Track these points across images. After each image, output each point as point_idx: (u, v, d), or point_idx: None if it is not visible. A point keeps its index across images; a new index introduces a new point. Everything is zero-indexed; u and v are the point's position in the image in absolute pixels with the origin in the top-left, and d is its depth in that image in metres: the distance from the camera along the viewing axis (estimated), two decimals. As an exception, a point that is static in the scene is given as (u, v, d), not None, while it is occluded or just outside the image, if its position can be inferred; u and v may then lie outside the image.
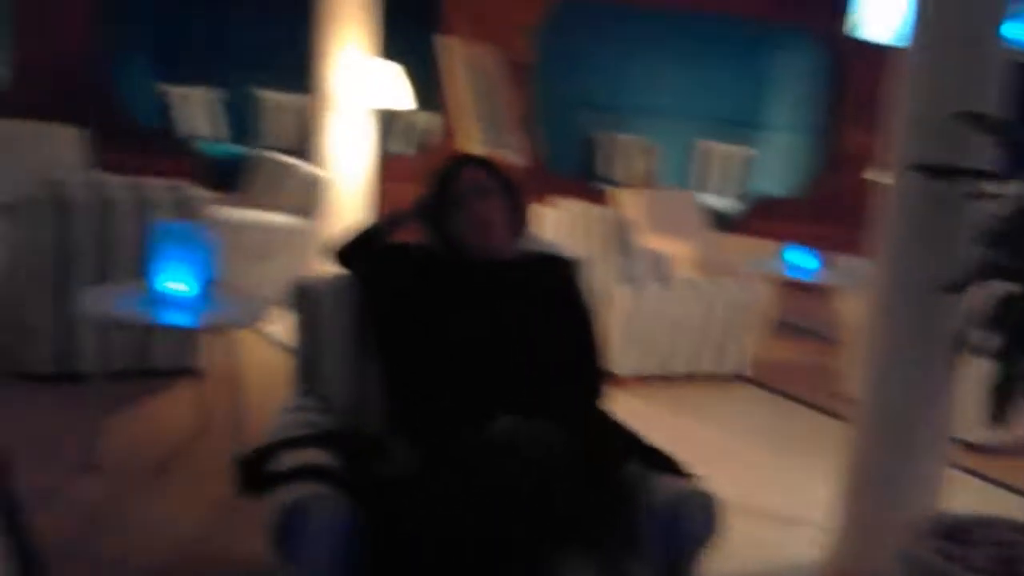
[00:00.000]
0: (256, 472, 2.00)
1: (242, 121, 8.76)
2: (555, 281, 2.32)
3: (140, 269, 3.43)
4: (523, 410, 1.99)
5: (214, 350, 3.79)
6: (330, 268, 2.45)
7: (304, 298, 2.43)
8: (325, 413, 2.29)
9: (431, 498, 1.84)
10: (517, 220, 2.29)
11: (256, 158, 5.83)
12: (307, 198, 5.25)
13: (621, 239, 4.71)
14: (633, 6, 8.72)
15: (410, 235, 2.36)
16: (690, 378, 4.98)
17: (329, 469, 1.97)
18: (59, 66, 7.29)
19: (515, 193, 2.29)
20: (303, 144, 6.38)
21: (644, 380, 4.75)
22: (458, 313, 2.19)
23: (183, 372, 4.05)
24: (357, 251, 2.37)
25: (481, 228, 2.20)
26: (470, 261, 2.23)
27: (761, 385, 5.12)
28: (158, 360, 4.05)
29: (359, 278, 2.37)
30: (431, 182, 2.29)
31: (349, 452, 2.08)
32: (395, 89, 5.87)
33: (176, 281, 3.22)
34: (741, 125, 9.42)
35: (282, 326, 3.44)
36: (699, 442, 3.91)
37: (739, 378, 5.11)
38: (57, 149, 5.15)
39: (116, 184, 3.88)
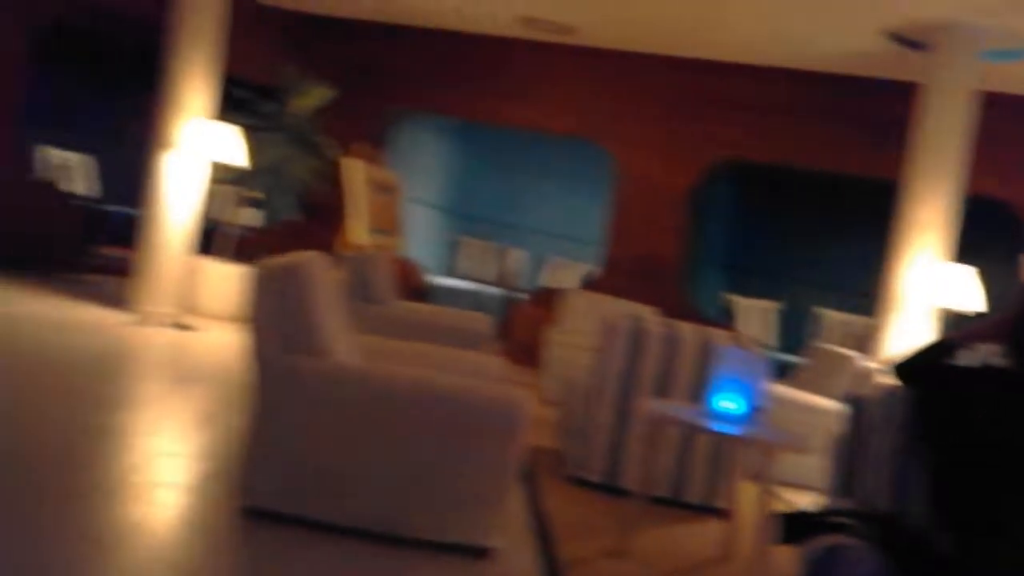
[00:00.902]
0: (798, 523, 2.05)
1: (797, 331, 9.05)
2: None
3: (694, 396, 3.73)
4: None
5: (740, 496, 3.90)
6: (888, 381, 2.45)
7: (855, 408, 2.46)
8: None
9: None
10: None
11: (815, 350, 5.98)
12: (858, 387, 5.20)
13: None
14: None
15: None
16: None
17: (868, 530, 1.94)
18: (645, 264, 8.38)
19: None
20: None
21: None
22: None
23: (711, 511, 4.19)
24: (923, 366, 2.36)
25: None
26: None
27: None
28: (690, 495, 4.26)
29: (922, 392, 2.34)
30: (1015, 304, 2.25)
31: (889, 529, 2.03)
32: (966, 291, 5.65)
33: (728, 400, 3.43)
34: None
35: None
36: None
37: None
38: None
39: (683, 326, 4.30)
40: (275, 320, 3.12)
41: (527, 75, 8.83)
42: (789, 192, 9.58)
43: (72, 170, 9.71)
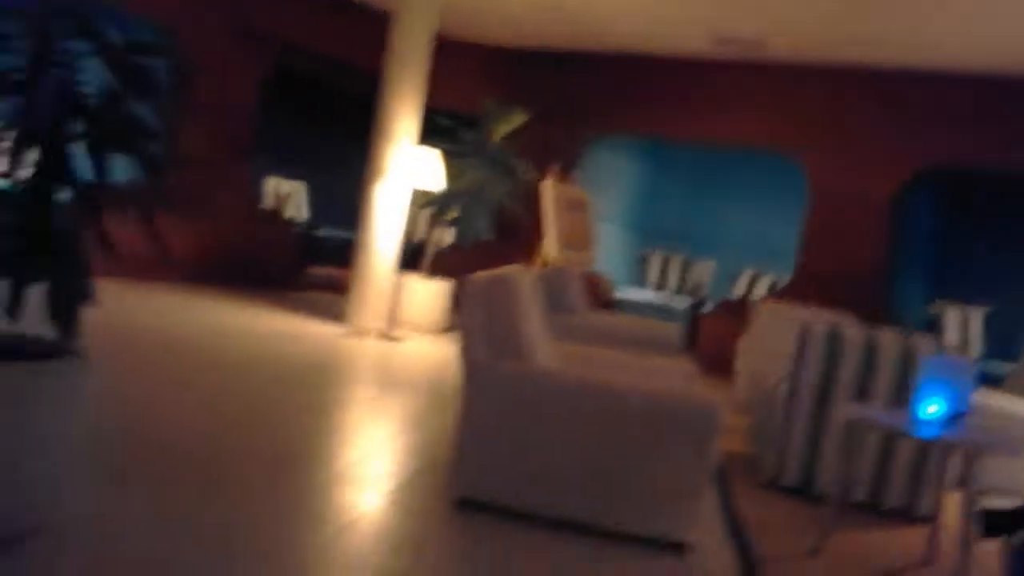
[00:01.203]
0: (1002, 518, 2.08)
1: (1008, 337, 8.55)
2: None
3: (894, 402, 3.69)
4: None
5: (944, 503, 3.82)
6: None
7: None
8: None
9: None
10: None
11: None
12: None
13: None
14: None
15: None
16: None
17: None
18: (841, 274, 8.20)
19: None
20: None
21: None
22: None
23: (911, 518, 4.13)
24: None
25: None
26: None
27: None
28: (890, 501, 4.20)
29: None
30: None
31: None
32: None
33: (932, 405, 3.40)
34: None
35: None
36: None
37: None
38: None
39: (882, 332, 4.25)
40: (483, 327, 3.40)
41: (718, 92, 8.90)
42: (996, 197, 9.09)
43: (291, 197, 10.62)
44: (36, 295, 2.60)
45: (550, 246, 7.05)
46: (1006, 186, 8.71)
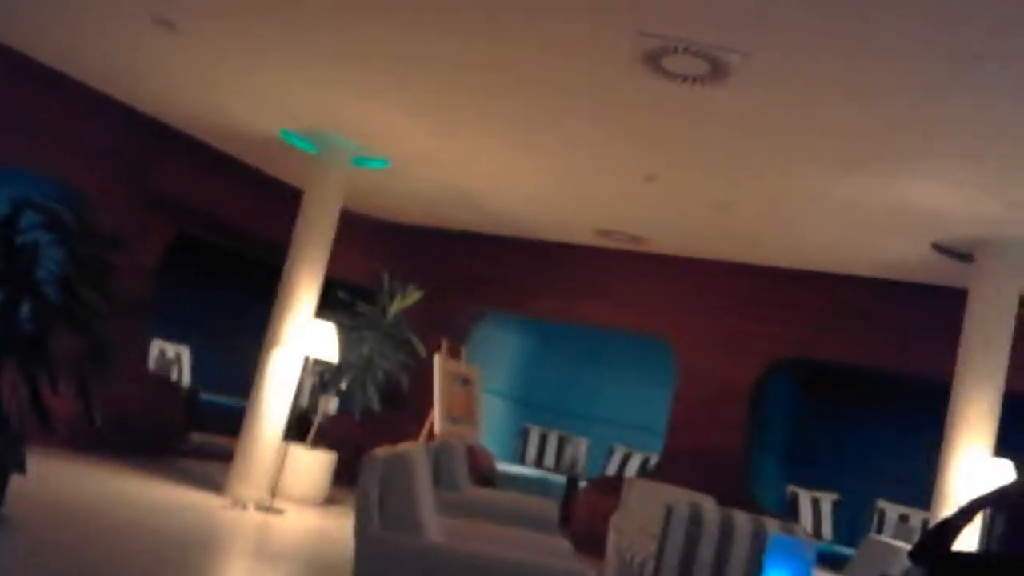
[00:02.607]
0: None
1: (856, 523, 9.19)
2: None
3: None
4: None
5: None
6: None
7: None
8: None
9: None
10: None
11: (866, 541, 6.25)
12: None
13: None
14: None
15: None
16: None
17: None
18: (705, 454, 8.79)
19: None
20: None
21: None
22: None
23: None
24: (928, 550, 2.78)
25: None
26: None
27: None
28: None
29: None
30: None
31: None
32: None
33: (776, 583, 3.82)
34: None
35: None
36: None
37: None
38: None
39: (738, 514, 4.72)
40: (379, 502, 3.68)
41: (598, 277, 9.69)
42: (850, 388, 9.96)
43: (176, 361, 10.63)
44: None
45: (437, 419, 7.38)
46: (862, 376, 9.60)
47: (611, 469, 10.47)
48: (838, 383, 10.00)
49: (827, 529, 9.26)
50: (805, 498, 9.49)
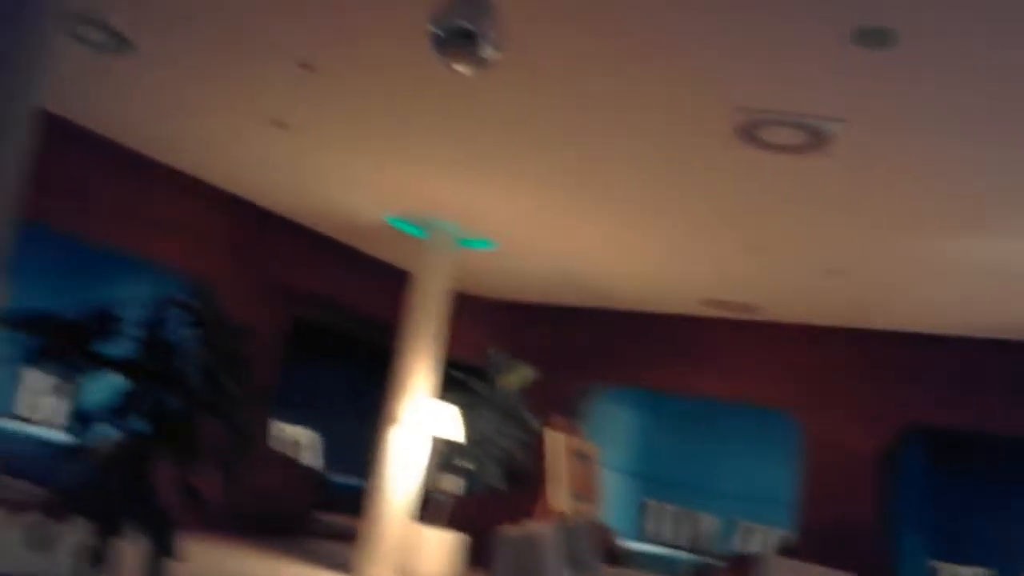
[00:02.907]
0: None
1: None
2: None
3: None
4: None
5: None
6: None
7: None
8: None
9: None
10: None
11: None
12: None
13: None
14: None
15: None
16: None
17: None
18: (840, 529, 8.40)
19: None
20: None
21: None
22: None
23: None
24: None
25: None
26: None
27: None
28: None
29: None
30: None
31: None
32: None
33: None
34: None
35: None
36: None
37: None
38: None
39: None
40: (511, 581, 3.67)
41: (712, 348, 9.51)
42: (986, 455, 9.43)
43: (301, 443, 10.92)
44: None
45: (557, 496, 7.32)
46: (1003, 448, 9.08)
47: (735, 544, 10.13)
48: (972, 450, 9.49)
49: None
50: (949, 574, 8.96)
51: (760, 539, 10.06)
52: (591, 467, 8.07)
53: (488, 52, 3.23)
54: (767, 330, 9.26)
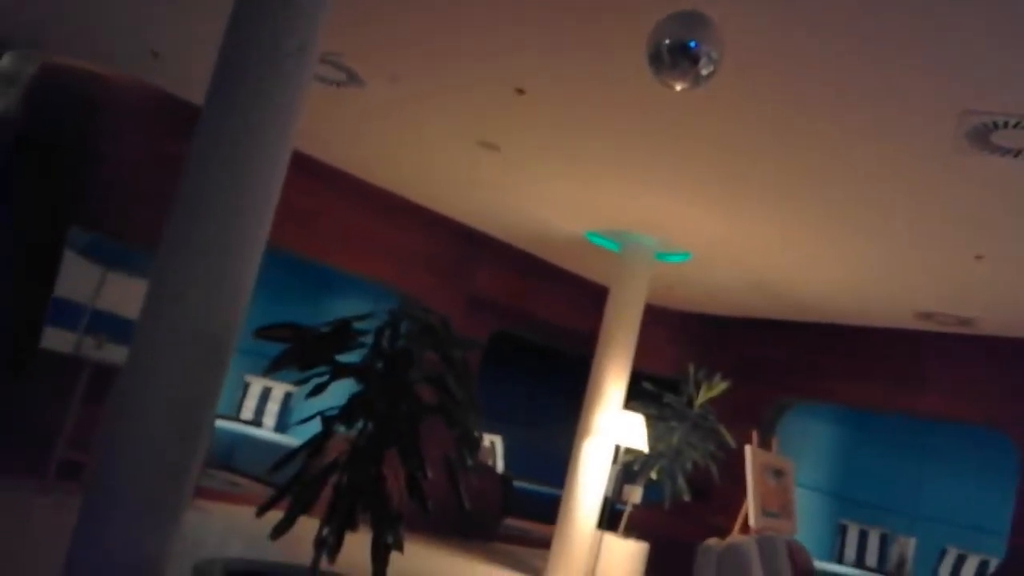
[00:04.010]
0: None
1: None
2: None
3: None
4: None
5: None
6: None
7: None
8: None
9: None
10: None
11: None
12: None
13: None
14: None
15: None
16: None
17: None
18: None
19: None
20: None
21: None
22: None
23: None
24: None
25: None
26: None
27: None
28: None
29: None
30: None
31: None
32: None
33: None
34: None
35: None
36: None
37: None
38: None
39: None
40: (715, 594, 3.69)
41: (919, 362, 9.04)
42: None
43: (492, 450, 11.27)
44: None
45: (751, 512, 7.21)
46: None
47: (943, 572, 9.57)
48: None
49: None
50: None
51: (971, 567, 9.46)
52: (786, 483, 7.89)
53: (708, 70, 3.28)
54: (982, 344, 8.70)
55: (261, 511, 3.21)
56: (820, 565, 9.42)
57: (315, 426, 3.28)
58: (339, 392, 3.37)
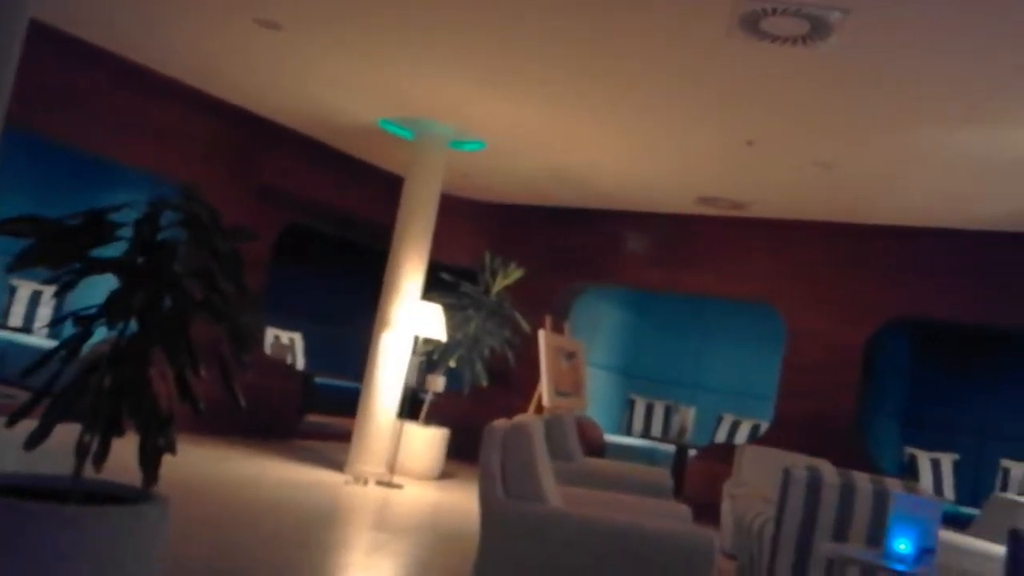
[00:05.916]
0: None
1: (980, 484, 8.94)
2: None
3: (870, 541, 4.08)
4: None
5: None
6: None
7: (1014, 543, 2.84)
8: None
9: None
10: None
11: (993, 499, 6.10)
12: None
13: None
14: None
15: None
16: None
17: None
18: (818, 419, 8.66)
19: None
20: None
21: None
22: None
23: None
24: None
25: None
26: None
27: None
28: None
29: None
30: None
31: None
32: None
33: (902, 543, 3.80)
34: None
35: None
36: None
37: None
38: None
39: (857, 475, 4.68)
40: (501, 471, 3.80)
41: (701, 246, 9.60)
42: (966, 346, 9.67)
43: (291, 347, 11.04)
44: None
45: (544, 393, 7.50)
46: (979, 333, 9.30)
47: (720, 437, 10.43)
48: (954, 342, 9.72)
49: (948, 490, 9.04)
50: (924, 460, 9.29)
51: (744, 432, 10.36)
52: (578, 365, 8.24)
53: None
54: (755, 227, 9.34)
55: (12, 420, 2.96)
56: (611, 438, 10.00)
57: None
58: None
